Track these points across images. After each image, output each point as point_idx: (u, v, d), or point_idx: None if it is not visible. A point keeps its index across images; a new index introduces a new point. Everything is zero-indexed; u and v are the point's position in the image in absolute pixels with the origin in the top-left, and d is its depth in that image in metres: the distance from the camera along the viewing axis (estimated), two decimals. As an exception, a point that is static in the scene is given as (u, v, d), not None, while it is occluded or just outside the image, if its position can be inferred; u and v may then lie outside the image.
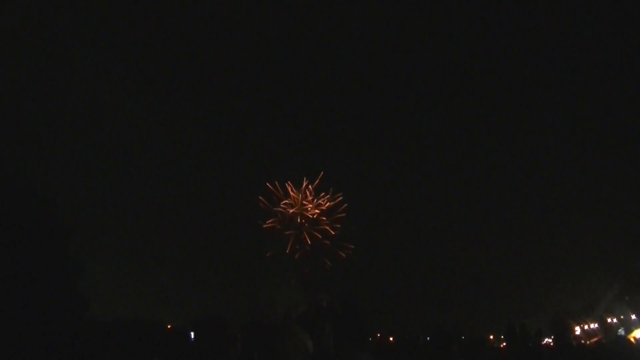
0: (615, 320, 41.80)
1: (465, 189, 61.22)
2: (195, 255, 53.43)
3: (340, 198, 53.08)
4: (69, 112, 51.83)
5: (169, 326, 36.66)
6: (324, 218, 53.27)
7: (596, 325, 43.96)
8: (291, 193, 53.61)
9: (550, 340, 36.79)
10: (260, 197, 53.01)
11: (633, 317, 40.61)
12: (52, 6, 49.35)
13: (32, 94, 48.55)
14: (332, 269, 51.15)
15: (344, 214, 52.94)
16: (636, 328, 36.31)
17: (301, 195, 53.64)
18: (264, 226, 53.12)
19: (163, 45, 62.33)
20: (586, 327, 46.42)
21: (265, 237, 53.11)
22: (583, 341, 36.63)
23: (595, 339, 36.46)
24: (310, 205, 53.46)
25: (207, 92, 61.83)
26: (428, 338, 39.45)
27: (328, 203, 53.38)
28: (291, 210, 53.26)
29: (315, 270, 51.82)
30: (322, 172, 52.63)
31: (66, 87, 51.70)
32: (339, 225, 52.96)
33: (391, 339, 43.21)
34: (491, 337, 46.40)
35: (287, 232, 53.26)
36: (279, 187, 53.50)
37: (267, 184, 53.20)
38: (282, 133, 63.82)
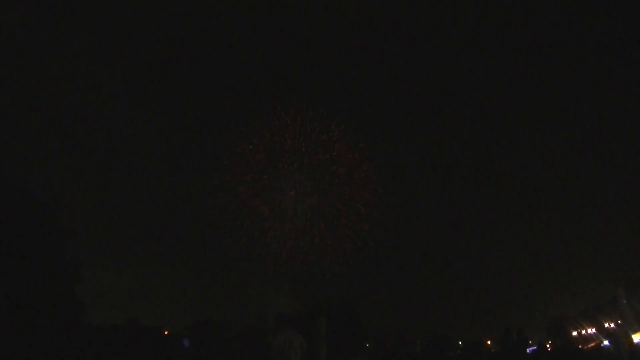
0: (612, 324, 41.77)
1: (463, 193, 61.12)
2: (192, 260, 53.19)
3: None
4: (64, 114, 51.77)
5: (166, 332, 36.58)
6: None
7: (593, 330, 43.95)
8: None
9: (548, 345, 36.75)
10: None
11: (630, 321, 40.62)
12: (44, 10, 49.37)
13: (28, 96, 48.57)
14: (330, 270, 43.50)
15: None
16: (634, 332, 36.27)
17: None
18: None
19: (162, 47, 62.35)
20: (583, 331, 46.43)
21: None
22: (580, 346, 36.62)
23: (593, 344, 36.47)
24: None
25: (207, 95, 61.85)
26: (426, 343, 39.40)
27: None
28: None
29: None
30: None
31: (63, 89, 51.72)
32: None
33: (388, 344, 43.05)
34: (488, 342, 46.30)
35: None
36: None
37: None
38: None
